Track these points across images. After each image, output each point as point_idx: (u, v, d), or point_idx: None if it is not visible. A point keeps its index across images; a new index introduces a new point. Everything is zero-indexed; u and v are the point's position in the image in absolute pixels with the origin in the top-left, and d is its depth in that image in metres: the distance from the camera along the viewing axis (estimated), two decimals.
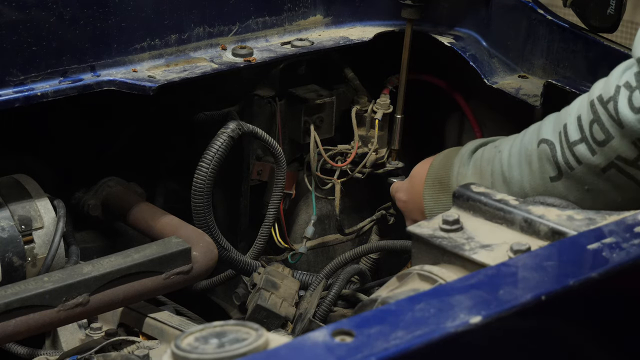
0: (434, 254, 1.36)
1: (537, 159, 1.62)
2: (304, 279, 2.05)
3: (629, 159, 1.53)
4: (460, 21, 2.17)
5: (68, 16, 1.79)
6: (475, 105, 2.25)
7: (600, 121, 1.53)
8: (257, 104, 2.16)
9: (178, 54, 1.93)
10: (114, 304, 1.72)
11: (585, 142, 1.55)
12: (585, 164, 1.56)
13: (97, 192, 2.03)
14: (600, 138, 1.53)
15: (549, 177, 1.60)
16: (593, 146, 1.54)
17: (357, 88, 2.23)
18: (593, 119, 1.53)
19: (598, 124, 1.53)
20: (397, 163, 2.24)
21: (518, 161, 1.65)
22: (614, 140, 1.52)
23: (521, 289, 1.15)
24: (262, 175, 2.20)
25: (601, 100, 1.53)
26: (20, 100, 1.74)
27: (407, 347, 1.03)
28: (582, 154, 1.56)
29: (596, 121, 1.53)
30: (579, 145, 1.56)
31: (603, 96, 1.53)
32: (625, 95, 1.49)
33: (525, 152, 1.64)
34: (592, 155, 1.54)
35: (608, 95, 1.52)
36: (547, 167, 1.60)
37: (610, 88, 1.52)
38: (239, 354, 1.01)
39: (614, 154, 1.53)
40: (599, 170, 1.55)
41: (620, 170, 1.54)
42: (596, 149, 1.54)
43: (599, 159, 1.54)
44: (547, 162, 1.60)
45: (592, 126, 1.54)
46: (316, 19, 2.11)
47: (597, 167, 1.55)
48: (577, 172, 1.57)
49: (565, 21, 2.02)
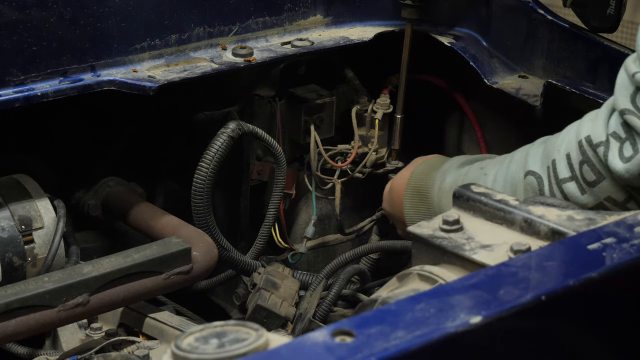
0: (434, 254, 1.36)
1: (523, 190, 1.62)
2: (304, 279, 2.05)
3: (618, 201, 1.54)
4: (460, 21, 2.17)
5: (68, 16, 1.79)
6: (475, 105, 2.25)
7: (590, 162, 1.53)
8: (257, 104, 2.16)
9: (178, 54, 1.93)
10: (114, 304, 1.72)
11: (576, 180, 1.55)
12: (572, 201, 1.56)
13: (97, 192, 2.03)
14: (590, 179, 1.54)
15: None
16: (583, 185, 1.55)
17: (357, 88, 2.23)
18: (582, 160, 1.54)
19: (588, 165, 1.53)
20: (397, 163, 2.24)
21: (503, 187, 1.65)
22: (604, 181, 1.52)
23: (521, 289, 1.15)
24: (262, 175, 2.20)
25: (590, 143, 1.53)
26: (20, 100, 1.74)
27: (407, 347, 1.03)
28: (571, 192, 1.56)
29: (586, 162, 1.53)
30: (568, 183, 1.56)
31: (592, 139, 1.52)
32: (616, 146, 1.49)
33: (512, 180, 1.64)
34: (582, 194, 1.55)
35: (598, 139, 1.52)
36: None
37: (599, 132, 1.51)
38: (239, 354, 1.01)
39: (603, 194, 1.53)
40: (587, 208, 1.55)
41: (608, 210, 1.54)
42: (586, 188, 1.54)
43: (588, 198, 1.55)
44: (533, 194, 1.60)
45: (582, 166, 1.54)
46: (316, 19, 2.11)
47: (586, 206, 1.55)
48: None
49: (565, 21, 2.02)
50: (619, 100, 1.49)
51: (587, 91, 1.91)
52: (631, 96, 1.47)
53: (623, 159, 1.48)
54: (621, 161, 1.48)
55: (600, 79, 1.95)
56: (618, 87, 1.49)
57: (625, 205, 1.54)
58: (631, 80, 1.47)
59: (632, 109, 1.46)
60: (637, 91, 1.47)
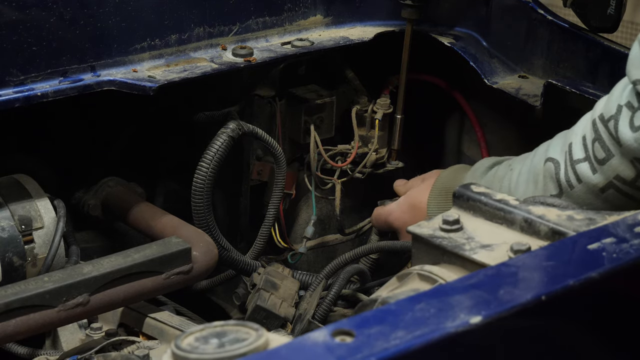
0: (434, 254, 1.36)
1: (542, 177, 1.63)
2: (304, 279, 2.05)
3: (628, 179, 1.54)
4: (460, 21, 2.17)
5: (68, 16, 1.79)
6: (475, 105, 2.25)
7: (601, 139, 1.53)
8: (257, 104, 2.16)
9: (178, 54, 1.93)
10: (114, 304, 1.72)
11: (588, 160, 1.56)
12: (584, 183, 1.57)
13: (97, 192, 2.03)
14: (600, 156, 1.54)
15: (550, 194, 1.61)
16: (594, 165, 1.55)
17: (357, 88, 2.23)
18: (595, 138, 1.54)
19: (599, 142, 1.54)
20: (397, 163, 2.24)
21: (526, 179, 1.67)
22: (613, 159, 1.53)
23: (521, 289, 1.15)
24: (262, 175, 2.19)
25: (602, 119, 1.54)
26: (20, 100, 1.74)
27: (407, 347, 1.03)
28: (583, 172, 1.56)
29: (597, 139, 1.54)
30: (581, 163, 1.57)
31: (604, 115, 1.54)
32: (627, 114, 1.50)
33: (534, 171, 1.65)
34: (593, 173, 1.55)
35: (609, 114, 1.53)
36: (549, 185, 1.62)
37: (611, 107, 1.53)
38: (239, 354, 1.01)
39: (613, 173, 1.54)
40: (597, 190, 1.56)
41: (618, 190, 1.55)
42: (597, 167, 1.55)
43: (599, 178, 1.55)
44: (550, 180, 1.61)
45: (594, 144, 1.55)
46: (316, 19, 2.11)
47: (596, 187, 1.56)
48: (576, 191, 1.58)
49: (565, 21, 2.02)
50: (632, 72, 1.49)
51: (587, 91, 1.92)
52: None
53: (633, 128, 1.49)
54: (631, 130, 1.49)
55: (600, 79, 1.95)
56: (631, 59, 1.50)
57: (634, 183, 1.53)
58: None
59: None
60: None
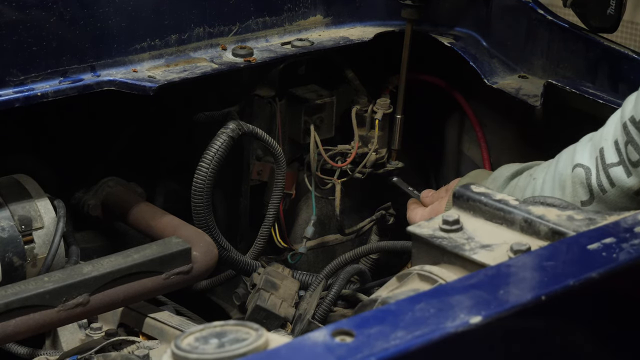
0: (434, 254, 1.36)
1: (571, 184, 1.62)
2: (304, 279, 2.05)
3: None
4: (460, 21, 2.17)
5: (68, 16, 1.79)
6: (475, 106, 2.25)
7: (634, 142, 1.53)
8: (257, 104, 2.16)
9: (178, 54, 1.93)
10: (114, 304, 1.72)
11: (622, 164, 1.55)
12: (618, 186, 1.56)
13: (97, 192, 2.03)
14: (634, 159, 1.53)
15: (580, 201, 1.60)
16: (629, 167, 1.54)
17: (357, 88, 2.23)
18: (627, 140, 1.54)
19: (632, 145, 1.53)
20: (397, 163, 2.24)
21: (551, 187, 1.66)
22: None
23: (521, 289, 1.15)
24: (262, 175, 2.19)
25: (634, 122, 1.53)
26: (20, 100, 1.74)
27: (407, 347, 1.03)
28: (617, 176, 1.56)
29: (630, 142, 1.53)
30: (615, 167, 1.56)
31: (635, 117, 1.53)
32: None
33: (560, 177, 1.64)
34: (628, 176, 1.55)
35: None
36: (579, 191, 1.60)
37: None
38: (239, 354, 1.01)
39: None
40: (632, 192, 1.55)
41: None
42: (631, 170, 1.54)
43: (633, 180, 1.54)
44: (580, 186, 1.60)
45: (627, 147, 1.54)
46: (316, 19, 2.11)
47: (631, 190, 1.55)
48: (609, 195, 1.57)
49: (565, 21, 2.02)
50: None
51: (587, 91, 1.91)
52: None
53: None
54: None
55: (600, 79, 1.95)
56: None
57: None
58: None
59: None
60: None
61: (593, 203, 1.59)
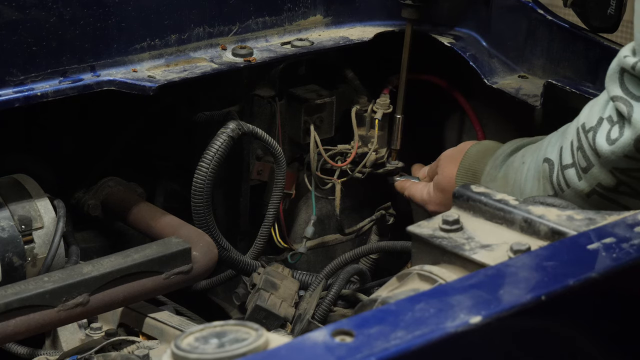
0: (434, 254, 1.36)
1: (541, 177, 1.64)
2: (304, 279, 2.05)
3: (609, 187, 1.56)
4: (460, 21, 2.17)
5: (68, 16, 1.79)
6: (475, 105, 2.25)
7: (582, 148, 1.56)
8: (257, 104, 2.16)
9: (178, 54, 1.93)
10: (114, 304, 1.72)
11: (575, 167, 1.58)
12: (572, 188, 1.59)
13: (97, 192, 2.03)
14: (583, 165, 1.56)
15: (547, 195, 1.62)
16: (580, 172, 1.57)
17: (357, 88, 2.23)
18: (578, 146, 1.57)
19: (581, 151, 1.56)
20: (397, 163, 2.24)
21: (533, 176, 1.68)
22: (594, 168, 1.55)
23: (521, 289, 1.15)
24: (262, 175, 2.19)
25: (584, 129, 1.56)
26: (20, 100, 1.74)
27: (407, 347, 1.03)
28: (571, 178, 1.59)
29: (580, 148, 1.56)
30: (569, 169, 1.59)
31: (586, 124, 1.56)
32: (605, 127, 1.52)
33: (538, 168, 1.67)
34: (579, 180, 1.58)
35: (590, 124, 1.55)
36: (547, 186, 1.64)
37: (593, 118, 1.55)
38: (239, 354, 1.01)
39: (595, 181, 1.56)
40: (584, 195, 1.58)
41: (602, 196, 1.57)
42: (582, 174, 1.57)
43: (584, 184, 1.57)
44: (546, 181, 1.63)
45: (577, 152, 1.57)
46: (316, 19, 2.11)
47: (582, 192, 1.58)
48: (566, 195, 1.60)
49: (565, 21, 2.02)
50: (609, 88, 1.52)
51: (587, 91, 1.91)
52: (619, 80, 1.49)
53: (609, 141, 1.51)
54: (607, 143, 1.51)
55: (600, 79, 1.94)
56: (609, 74, 1.52)
57: (617, 189, 1.55)
58: (620, 62, 1.49)
59: (621, 95, 1.49)
60: (623, 73, 1.49)
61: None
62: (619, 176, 1.54)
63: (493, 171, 1.82)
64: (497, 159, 1.83)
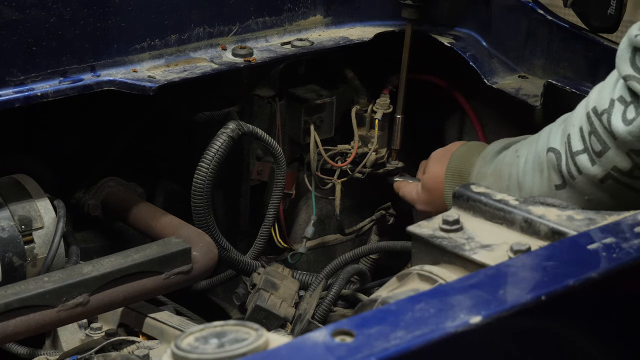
0: (434, 254, 1.36)
1: (546, 167, 1.64)
2: (304, 279, 2.05)
3: (624, 170, 1.55)
4: (460, 21, 2.17)
5: (68, 16, 1.79)
6: (475, 105, 2.25)
7: (596, 132, 1.55)
8: (257, 104, 2.16)
9: (178, 54, 1.93)
10: (114, 304, 1.72)
11: (587, 152, 1.57)
12: (584, 174, 1.57)
13: (97, 192, 2.03)
14: (597, 149, 1.55)
15: (555, 185, 1.62)
16: (593, 157, 1.56)
17: (357, 88, 2.23)
18: (590, 130, 1.56)
19: (595, 135, 1.55)
20: (397, 163, 2.24)
21: (532, 168, 1.67)
22: (609, 151, 1.54)
23: (521, 289, 1.15)
24: (262, 175, 2.20)
25: (596, 112, 1.55)
26: (20, 100, 1.74)
27: (407, 347, 1.03)
28: (583, 164, 1.57)
29: (593, 132, 1.55)
30: (581, 155, 1.58)
31: (597, 108, 1.55)
32: (619, 109, 1.51)
33: (538, 159, 1.66)
34: (592, 165, 1.56)
35: (602, 107, 1.54)
36: (553, 175, 1.62)
37: (604, 100, 1.54)
38: (239, 354, 1.01)
39: (610, 164, 1.55)
40: (597, 180, 1.57)
41: (617, 181, 1.56)
42: (595, 159, 1.56)
43: (597, 169, 1.56)
44: (553, 170, 1.62)
45: (590, 137, 1.56)
46: (316, 19, 2.11)
47: (596, 177, 1.57)
48: (577, 182, 1.59)
49: (565, 21, 2.02)
50: (620, 67, 1.51)
51: (587, 91, 1.91)
52: (630, 59, 1.49)
53: (625, 122, 1.50)
54: (623, 124, 1.50)
55: (600, 79, 1.94)
56: (619, 54, 1.52)
57: (632, 173, 1.54)
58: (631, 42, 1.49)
59: (633, 74, 1.48)
60: (635, 52, 1.48)
61: (566, 187, 1.60)
62: (635, 158, 1.53)
63: (483, 169, 1.82)
64: (486, 157, 1.83)
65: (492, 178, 1.77)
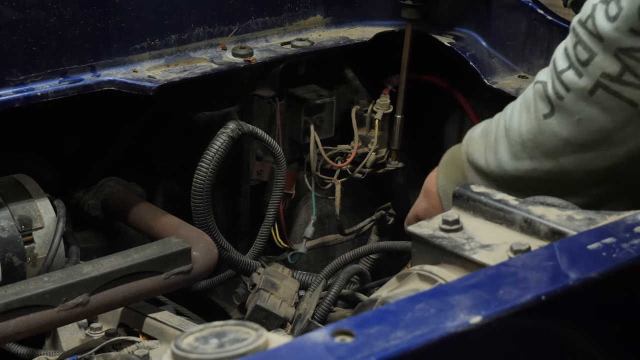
0: (434, 254, 1.36)
1: (533, 100, 1.63)
2: (304, 279, 2.05)
3: (613, 75, 1.53)
4: (460, 21, 2.17)
5: (68, 16, 1.79)
6: (475, 105, 2.25)
7: (582, 41, 1.54)
8: (257, 104, 2.16)
9: (178, 54, 1.93)
10: (114, 304, 1.72)
11: (572, 67, 1.56)
12: (573, 90, 1.56)
13: (97, 192, 2.03)
14: (583, 58, 1.54)
15: (543, 114, 1.61)
16: (579, 68, 1.55)
17: (357, 88, 2.23)
18: (575, 42, 1.55)
19: (580, 45, 1.54)
20: (397, 163, 2.24)
21: (519, 110, 1.67)
22: (597, 57, 1.53)
23: (521, 289, 1.15)
24: (262, 175, 2.20)
25: (580, 22, 1.55)
26: (20, 100, 1.74)
27: (407, 347, 1.03)
28: (570, 79, 1.56)
29: (578, 42, 1.55)
30: (566, 72, 1.57)
31: (581, 18, 1.55)
32: (602, 9, 1.51)
33: (525, 99, 1.66)
34: (579, 77, 1.55)
35: (586, 15, 1.54)
36: (540, 105, 1.61)
37: (587, 9, 1.54)
38: (239, 354, 1.01)
39: (598, 71, 1.53)
40: (586, 93, 1.55)
41: (606, 89, 1.54)
42: (582, 70, 1.55)
43: (585, 80, 1.55)
44: (540, 99, 1.61)
45: (575, 48, 1.55)
46: (316, 19, 2.11)
47: (584, 90, 1.55)
48: (566, 102, 1.57)
49: (565, 21, 2.02)
50: None
51: None
52: None
53: (610, 19, 1.50)
54: (608, 21, 1.50)
55: None
56: None
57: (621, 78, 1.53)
58: None
59: None
60: None
61: (554, 114, 1.59)
62: (624, 59, 1.52)
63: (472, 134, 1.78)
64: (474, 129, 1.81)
65: (481, 138, 1.75)
